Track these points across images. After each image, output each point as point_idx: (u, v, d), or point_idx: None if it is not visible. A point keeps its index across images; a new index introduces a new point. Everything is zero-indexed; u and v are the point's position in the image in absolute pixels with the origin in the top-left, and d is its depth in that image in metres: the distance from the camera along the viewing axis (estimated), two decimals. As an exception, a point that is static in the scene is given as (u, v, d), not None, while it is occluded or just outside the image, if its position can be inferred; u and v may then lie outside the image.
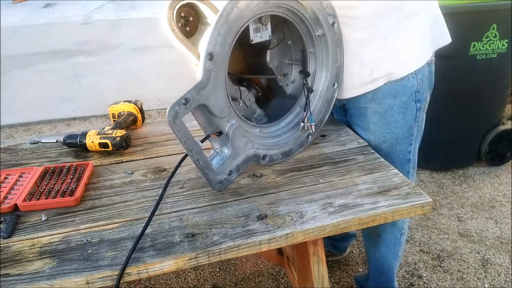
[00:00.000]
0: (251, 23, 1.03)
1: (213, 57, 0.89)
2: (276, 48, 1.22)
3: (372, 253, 1.50)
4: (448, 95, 2.11)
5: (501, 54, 2.13)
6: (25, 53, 4.69)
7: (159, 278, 1.76)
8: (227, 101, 0.97)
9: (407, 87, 1.17)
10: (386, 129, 1.22)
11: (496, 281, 1.73)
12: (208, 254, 0.82)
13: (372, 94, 1.18)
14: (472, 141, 2.43)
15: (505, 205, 2.18)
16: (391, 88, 1.17)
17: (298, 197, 0.98)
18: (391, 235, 1.41)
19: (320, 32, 1.11)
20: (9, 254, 0.83)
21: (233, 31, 0.92)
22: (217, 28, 0.88)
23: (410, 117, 1.22)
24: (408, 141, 1.25)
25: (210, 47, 0.88)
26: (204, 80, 0.89)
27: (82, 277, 0.76)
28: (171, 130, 0.88)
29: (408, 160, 1.28)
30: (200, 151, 0.94)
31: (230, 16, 0.90)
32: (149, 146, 1.24)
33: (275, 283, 1.74)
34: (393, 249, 1.44)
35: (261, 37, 1.09)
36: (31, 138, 1.27)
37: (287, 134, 1.14)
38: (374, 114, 1.21)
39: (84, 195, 1.01)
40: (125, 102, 1.35)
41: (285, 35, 1.20)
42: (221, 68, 0.92)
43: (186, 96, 0.88)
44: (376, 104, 1.19)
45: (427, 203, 0.96)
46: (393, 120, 1.20)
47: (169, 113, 0.87)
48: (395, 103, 1.18)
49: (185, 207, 0.96)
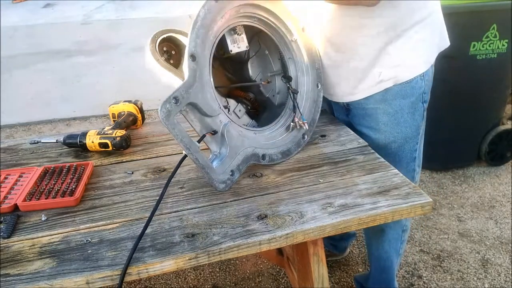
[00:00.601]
0: (227, 34, 1.10)
1: (195, 57, 0.94)
2: (256, 61, 1.27)
3: (375, 250, 1.51)
4: (448, 95, 2.11)
5: (501, 54, 2.13)
6: (25, 53, 4.68)
7: (159, 278, 1.76)
8: (217, 102, 1.00)
9: (415, 88, 1.19)
10: (396, 129, 1.24)
11: (496, 281, 1.73)
12: (208, 254, 0.82)
13: (381, 95, 1.20)
14: (472, 141, 2.43)
15: (505, 205, 2.18)
16: (401, 90, 1.19)
17: (298, 197, 0.98)
18: (394, 231, 1.43)
19: (293, 37, 1.17)
20: (9, 254, 0.83)
21: (210, 35, 0.98)
22: (194, 31, 0.94)
23: (418, 117, 1.24)
24: (415, 140, 1.28)
25: (191, 48, 0.93)
26: (190, 79, 0.94)
27: (82, 277, 0.76)
28: (166, 128, 0.90)
29: (414, 158, 1.31)
30: (197, 150, 0.95)
31: (204, 21, 0.96)
32: (149, 146, 1.24)
33: (275, 283, 1.74)
34: (395, 246, 1.46)
35: (239, 47, 1.15)
36: (31, 138, 1.27)
37: (282, 135, 1.16)
38: (384, 114, 1.22)
39: (84, 195, 1.01)
40: (125, 102, 1.35)
41: (261, 46, 1.26)
42: (204, 69, 0.97)
43: (175, 95, 0.91)
44: (386, 105, 1.21)
45: (427, 203, 0.96)
46: (403, 120, 1.22)
47: (161, 111, 0.89)
48: (404, 104, 1.20)
49: (185, 207, 0.96)
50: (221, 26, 1.02)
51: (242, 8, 1.06)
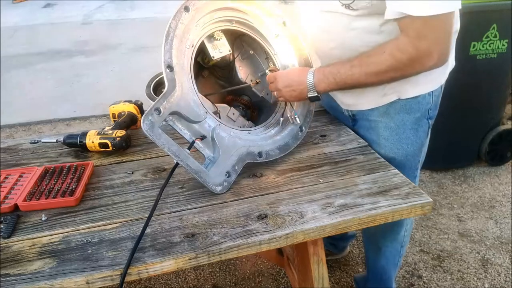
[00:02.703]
0: (206, 42, 1.11)
1: (172, 68, 0.95)
2: (244, 63, 1.28)
3: (372, 263, 1.52)
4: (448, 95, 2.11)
5: (501, 54, 2.13)
6: (25, 53, 4.70)
7: (159, 278, 1.76)
8: (202, 107, 1.01)
9: (422, 103, 1.13)
10: (396, 145, 1.18)
11: (496, 281, 1.73)
12: (208, 254, 0.82)
13: (385, 108, 1.15)
14: (472, 141, 2.43)
15: (505, 205, 2.18)
16: (405, 104, 1.13)
17: (298, 197, 0.98)
18: (392, 248, 1.42)
19: (275, 33, 1.17)
20: (9, 254, 0.83)
21: (186, 44, 0.99)
22: (168, 42, 0.95)
23: (422, 133, 1.18)
24: (417, 158, 1.23)
25: (167, 59, 0.95)
26: (169, 89, 0.95)
27: (82, 277, 0.76)
28: (151, 139, 0.91)
29: (415, 177, 1.27)
30: (187, 156, 0.96)
31: (177, 31, 0.97)
32: (149, 146, 1.24)
33: (275, 283, 1.74)
34: (393, 261, 1.46)
35: (221, 52, 1.16)
36: (31, 138, 1.27)
37: (279, 131, 1.16)
38: (385, 128, 1.17)
39: (84, 195, 1.01)
40: (125, 102, 1.35)
41: (245, 46, 1.27)
42: (184, 76, 0.98)
43: (156, 106, 0.93)
44: (388, 118, 1.16)
45: (427, 203, 0.96)
46: (405, 136, 1.17)
47: (144, 124, 0.91)
48: (408, 119, 1.15)
49: (185, 207, 0.96)
50: (197, 34, 1.03)
51: (216, 14, 1.07)
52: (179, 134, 1.01)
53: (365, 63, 1.00)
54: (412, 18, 0.90)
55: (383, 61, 0.97)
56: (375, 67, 0.99)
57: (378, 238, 1.42)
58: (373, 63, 0.99)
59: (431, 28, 0.91)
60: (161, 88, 1.20)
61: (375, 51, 0.99)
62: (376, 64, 0.98)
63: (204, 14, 1.03)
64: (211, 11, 1.05)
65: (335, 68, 1.04)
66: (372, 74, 1.00)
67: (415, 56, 0.94)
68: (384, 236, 1.40)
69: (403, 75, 1.00)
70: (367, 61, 1.00)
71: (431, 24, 0.90)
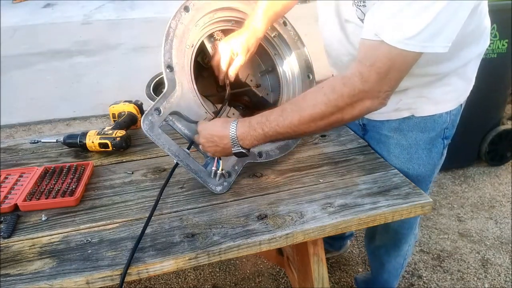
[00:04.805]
0: (206, 42, 1.11)
1: (172, 68, 0.95)
2: (244, 63, 1.26)
3: (374, 274, 1.52)
4: (448, 95, 2.11)
5: (501, 54, 2.12)
6: (25, 53, 4.69)
7: (159, 278, 1.76)
8: (203, 107, 1.01)
9: (438, 122, 1.05)
10: (407, 165, 1.10)
11: (496, 281, 1.73)
12: (208, 254, 0.82)
13: (397, 123, 1.07)
14: (472, 141, 2.43)
15: (505, 205, 2.18)
16: (420, 122, 1.04)
17: (298, 197, 0.98)
18: (395, 263, 1.41)
19: (275, 33, 1.18)
20: (9, 254, 0.83)
21: (186, 44, 0.99)
22: (168, 42, 0.96)
23: (436, 154, 1.10)
24: (429, 179, 1.14)
25: (166, 59, 0.95)
26: (169, 89, 0.95)
27: (82, 277, 0.77)
28: (151, 139, 0.92)
29: (427, 189, 1.19)
30: (187, 156, 0.96)
31: (177, 31, 0.97)
32: (149, 146, 1.24)
33: (275, 283, 1.74)
34: (395, 273, 1.45)
35: None
36: (31, 138, 1.27)
37: None
38: (397, 146, 1.09)
39: (84, 195, 1.01)
40: (125, 102, 1.35)
41: None
42: (184, 76, 0.98)
43: (156, 106, 0.93)
44: (401, 135, 1.08)
45: (427, 203, 0.96)
46: (417, 156, 1.09)
47: (144, 124, 0.91)
48: (421, 138, 1.06)
49: (185, 207, 0.96)
50: (197, 34, 1.03)
51: (216, 14, 1.07)
52: (179, 134, 1.01)
53: (299, 106, 0.85)
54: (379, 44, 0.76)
55: (320, 101, 0.82)
56: (311, 109, 0.83)
57: (381, 254, 1.41)
58: (309, 106, 0.84)
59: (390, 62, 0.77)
60: (161, 88, 1.20)
61: (312, 89, 0.87)
62: (313, 105, 0.83)
63: (204, 14, 1.03)
64: (211, 11, 1.05)
65: (264, 116, 0.89)
66: (306, 119, 0.84)
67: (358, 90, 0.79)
68: (388, 252, 1.38)
69: (342, 119, 0.84)
70: (302, 103, 0.85)
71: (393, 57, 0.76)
